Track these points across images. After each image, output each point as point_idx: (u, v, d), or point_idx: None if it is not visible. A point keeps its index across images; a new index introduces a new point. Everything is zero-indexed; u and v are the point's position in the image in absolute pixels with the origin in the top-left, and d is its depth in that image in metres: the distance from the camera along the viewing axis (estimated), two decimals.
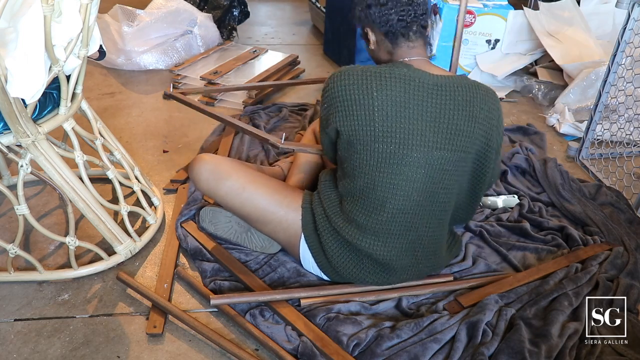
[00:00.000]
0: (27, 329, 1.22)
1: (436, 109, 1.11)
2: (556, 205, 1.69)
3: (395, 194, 1.14)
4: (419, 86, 1.10)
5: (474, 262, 1.43)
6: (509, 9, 2.58)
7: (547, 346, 1.13)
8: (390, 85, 1.10)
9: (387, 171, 1.13)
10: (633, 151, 1.95)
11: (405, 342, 1.15)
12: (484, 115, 1.14)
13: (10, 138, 1.20)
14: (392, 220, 1.17)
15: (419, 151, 1.11)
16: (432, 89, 1.11)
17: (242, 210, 1.30)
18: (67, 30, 1.13)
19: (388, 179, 1.13)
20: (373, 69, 1.12)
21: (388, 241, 1.19)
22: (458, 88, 1.12)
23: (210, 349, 1.19)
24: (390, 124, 1.10)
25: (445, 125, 1.11)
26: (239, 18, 3.10)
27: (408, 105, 1.10)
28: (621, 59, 1.81)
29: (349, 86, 1.11)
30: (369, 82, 1.10)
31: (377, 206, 1.16)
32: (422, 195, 1.16)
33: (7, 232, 1.54)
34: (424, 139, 1.11)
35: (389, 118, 1.09)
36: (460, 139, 1.13)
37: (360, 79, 1.11)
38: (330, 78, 1.16)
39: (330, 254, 1.24)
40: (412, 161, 1.12)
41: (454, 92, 1.12)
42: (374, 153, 1.12)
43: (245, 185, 1.28)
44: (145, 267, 1.43)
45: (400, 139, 1.10)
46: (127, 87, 2.52)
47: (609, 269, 1.39)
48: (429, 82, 1.11)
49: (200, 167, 1.31)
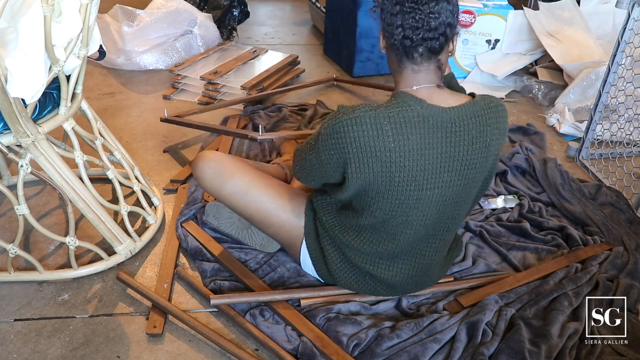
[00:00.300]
0: (27, 329, 1.22)
1: (451, 147, 1.05)
2: (556, 205, 1.69)
3: (405, 230, 1.12)
4: (434, 127, 1.03)
5: (474, 262, 1.43)
6: (509, 9, 2.58)
7: (547, 346, 1.13)
8: (406, 132, 1.02)
9: (400, 212, 1.10)
10: (633, 151, 1.95)
11: (405, 342, 1.15)
12: (494, 144, 1.10)
13: (10, 138, 1.20)
14: (400, 250, 1.16)
15: (433, 190, 1.07)
16: (447, 126, 1.04)
17: (245, 210, 1.30)
18: (67, 30, 1.13)
19: (401, 219, 1.11)
20: (384, 112, 1.02)
21: (393, 265, 1.19)
22: (472, 119, 1.05)
23: (210, 349, 1.19)
24: (407, 173, 1.04)
25: (460, 162, 1.07)
26: (239, 18, 3.10)
27: (425, 151, 1.03)
28: (621, 59, 1.81)
29: (363, 137, 1.01)
30: (385, 131, 1.01)
31: (385, 240, 1.15)
32: (432, 227, 1.15)
33: (7, 232, 1.54)
34: (440, 179, 1.07)
35: (406, 168, 1.04)
36: (473, 171, 1.09)
37: (375, 128, 1.01)
38: (340, 122, 1.03)
39: (332, 266, 1.24)
40: (426, 200, 1.08)
41: (468, 125, 1.05)
42: (389, 199, 1.08)
43: (250, 186, 1.27)
44: (145, 267, 1.43)
45: (417, 184, 1.06)
46: (127, 87, 2.52)
47: (609, 269, 1.39)
48: (443, 120, 1.03)
49: (204, 165, 1.30)
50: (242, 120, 2.18)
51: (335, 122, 1.04)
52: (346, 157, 1.05)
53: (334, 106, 2.37)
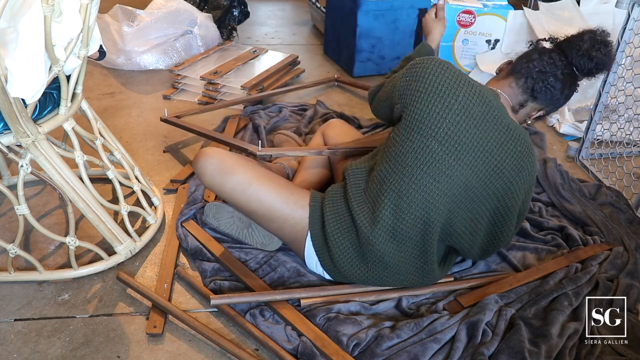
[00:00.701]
0: (27, 329, 1.22)
1: (496, 145, 1.14)
2: (556, 205, 1.69)
3: (425, 199, 1.14)
4: (494, 118, 1.14)
5: (473, 262, 1.43)
6: (509, 9, 2.58)
7: (547, 346, 1.13)
8: (475, 100, 1.13)
9: (428, 173, 1.13)
10: (633, 151, 1.95)
11: (405, 342, 1.15)
12: (526, 176, 1.20)
13: (10, 138, 1.20)
14: (412, 226, 1.17)
15: (463, 170, 1.14)
16: (502, 127, 1.15)
17: (247, 206, 1.29)
18: (67, 30, 1.13)
19: (425, 181, 1.13)
20: (468, 77, 1.16)
21: (401, 244, 1.19)
22: (521, 140, 1.17)
23: (210, 349, 1.19)
24: (455, 131, 1.12)
25: (495, 164, 1.15)
26: (239, 18, 3.10)
27: (479, 125, 1.13)
28: (621, 59, 1.81)
29: (441, 76, 1.14)
30: (460, 85, 1.14)
31: (403, 205, 1.15)
32: (444, 210, 1.16)
33: (7, 232, 1.54)
34: (474, 162, 1.14)
35: (458, 125, 1.12)
36: (499, 182, 1.17)
37: (455, 76, 1.14)
38: (427, 60, 1.17)
39: (335, 254, 1.24)
40: (454, 176, 1.14)
41: (517, 141, 1.16)
42: (427, 150, 1.13)
43: (252, 181, 1.27)
44: (145, 267, 1.43)
45: (456, 149, 1.12)
46: (127, 87, 2.52)
47: (609, 269, 1.39)
48: (503, 120, 1.16)
49: (205, 161, 1.30)
50: (242, 120, 2.18)
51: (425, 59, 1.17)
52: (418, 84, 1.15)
53: (334, 106, 2.37)
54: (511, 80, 1.26)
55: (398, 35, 2.68)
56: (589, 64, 1.21)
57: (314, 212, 1.25)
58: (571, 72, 1.23)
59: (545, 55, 1.23)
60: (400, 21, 2.65)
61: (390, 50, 2.71)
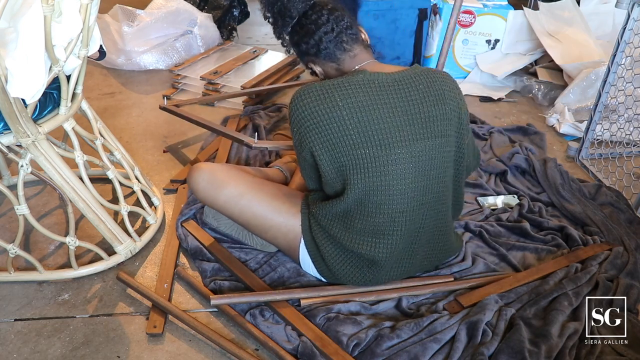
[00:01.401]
0: (27, 329, 1.22)
1: (403, 103, 1.12)
2: (556, 205, 1.69)
3: (389, 195, 1.14)
4: (379, 87, 1.12)
5: (473, 262, 1.43)
6: (509, 9, 2.58)
7: (547, 346, 1.13)
8: (353, 92, 1.10)
9: (376, 174, 1.12)
10: (633, 151, 1.95)
11: (405, 342, 1.15)
12: (449, 94, 1.17)
13: (10, 138, 1.20)
14: (391, 221, 1.17)
15: (400, 147, 1.12)
16: (392, 86, 1.13)
17: (241, 218, 1.30)
18: (67, 31, 1.13)
19: (379, 182, 1.13)
20: (330, 82, 1.12)
21: (388, 241, 1.19)
22: (416, 77, 1.15)
23: (210, 349, 1.19)
24: (364, 128, 1.10)
25: (418, 116, 1.13)
26: (239, 18, 3.10)
27: (376, 106, 1.10)
28: (621, 59, 1.81)
29: (311, 104, 1.10)
30: (331, 94, 1.10)
31: (373, 211, 1.16)
32: (416, 190, 1.16)
33: (7, 232, 1.54)
34: (402, 133, 1.12)
35: (362, 123, 1.09)
36: (436, 123, 1.14)
37: (321, 93, 1.10)
38: (291, 102, 1.15)
39: (329, 259, 1.24)
40: (397, 158, 1.12)
41: (415, 82, 1.14)
42: (358, 160, 1.11)
43: (243, 193, 1.28)
44: (145, 267, 1.43)
45: (378, 139, 1.10)
46: (127, 87, 2.52)
47: (609, 269, 1.39)
48: (387, 81, 1.13)
49: (197, 176, 1.31)
50: (242, 120, 2.18)
51: (289, 104, 1.16)
52: (305, 127, 1.12)
53: None
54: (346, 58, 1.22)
55: (398, 35, 2.68)
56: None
57: (304, 219, 1.26)
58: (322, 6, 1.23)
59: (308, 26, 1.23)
60: (400, 21, 2.65)
61: (390, 50, 2.71)
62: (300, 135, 1.15)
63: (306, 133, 1.13)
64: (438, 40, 2.61)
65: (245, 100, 2.34)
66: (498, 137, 2.06)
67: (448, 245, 1.33)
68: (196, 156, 1.92)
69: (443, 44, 1.54)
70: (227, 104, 2.37)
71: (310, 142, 1.13)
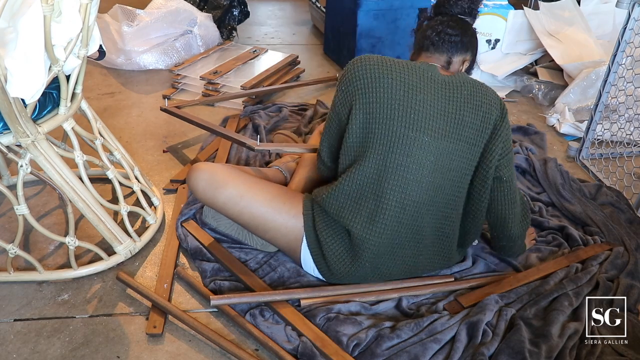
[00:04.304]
0: (26, 329, 1.22)
1: (445, 101, 1.19)
2: (556, 205, 1.69)
3: (405, 178, 1.17)
4: (430, 79, 1.19)
5: (474, 262, 1.43)
6: (509, 9, 2.58)
7: (547, 346, 1.13)
8: (407, 72, 1.18)
9: (399, 152, 1.16)
10: (633, 151, 1.95)
11: (405, 342, 1.15)
12: (487, 106, 1.21)
13: (10, 138, 1.20)
14: (402, 211, 1.18)
15: (430, 135, 1.17)
16: (442, 84, 1.20)
17: (241, 218, 1.30)
18: (67, 30, 1.13)
19: (400, 161, 1.16)
20: (390, 58, 1.21)
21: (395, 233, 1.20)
22: (464, 84, 1.22)
23: (210, 349, 1.19)
24: (406, 104, 1.16)
25: (453, 117, 1.19)
26: (239, 18, 3.10)
27: (422, 91, 1.17)
28: (621, 59, 1.81)
29: (369, 67, 1.18)
30: (388, 65, 1.18)
31: (387, 192, 1.17)
32: (431, 184, 1.18)
33: (7, 232, 1.54)
34: (435, 125, 1.17)
35: (406, 98, 1.16)
36: (466, 129, 1.20)
37: (380, 61, 1.19)
38: (350, 63, 1.21)
39: (331, 258, 1.24)
40: (424, 145, 1.17)
41: (461, 87, 1.21)
42: (389, 132, 1.16)
43: (243, 194, 1.28)
44: (145, 267, 1.42)
45: (414, 120, 1.16)
46: (127, 87, 2.52)
47: (609, 269, 1.39)
48: (439, 79, 1.21)
49: (197, 177, 1.31)
50: (242, 120, 2.18)
51: (347, 65, 1.22)
52: (355, 84, 1.18)
53: None
54: (422, 55, 1.31)
55: (398, 35, 2.68)
56: (462, 3, 1.31)
57: (307, 220, 1.26)
58: (459, 19, 1.30)
59: (431, 22, 1.32)
60: (400, 21, 2.65)
61: (390, 50, 2.71)
62: (348, 91, 1.20)
63: (355, 90, 1.18)
64: None
65: (245, 100, 2.34)
66: None
67: (450, 254, 1.33)
68: (196, 156, 1.92)
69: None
70: (227, 104, 2.36)
71: (355, 99, 1.18)
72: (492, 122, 1.21)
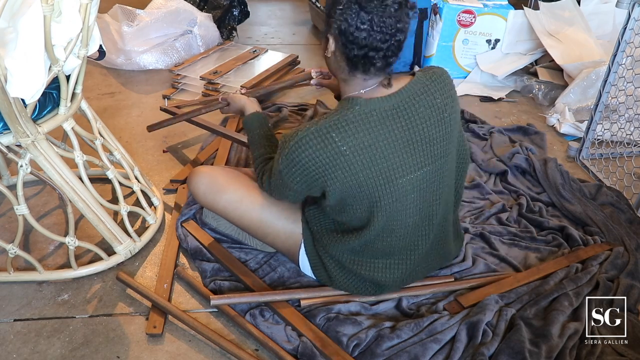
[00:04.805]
0: (26, 329, 1.22)
1: (404, 130, 1.05)
2: (556, 205, 1.69)
3: (391, 228, 1.13)
4: (378, 119, 1.03)
5: (473, 262, 1.43)
6: (509, 9, 2.58)
7: (547, 346, 1.13)
8: (352, 132, 1.02)
9: (380, 212, 1.09)
10: (633, 151, 1.95)
11: (405, 342, 1.15)
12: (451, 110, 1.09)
13: (10, 138, 1.20)
14: (393, 246, 1.17)
15: (403, 178, 1.07)
16: (392, 114, 1.04)
17: (240, 222, 1.31)
18: (67, 30, 1.13)
19: (383, 218, 1.10)
20: (325, 123, 1.02)
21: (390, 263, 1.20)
22: (416, 98, 1.05)
23: (210, 349, 1.19)
24: (371, 170, 1.04)
25: (419, 142, 1.07)
26: (239, 18, 3.09)
27: (379, 143, 1.03)
28: (621, 59, 1.80)
29: (315, 152, 1.02)
30: (331, 138, 1.01)
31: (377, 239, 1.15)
32: (418, 215, 1.14)
33: (7, 232, 1.54)
34: (404, 165, 1.06)
35: (367, 165, 1.04)
36: (437, 145, 1.09)
37: (321, 139, 1.02)
38: (289, 151, 1.05)
39: (331, 272, 1.24)
40: (400, 191, 1.08)
41: (414, 104, 1.05)
42: (364, 200, 1.08)
43: (243, 198, 1.28)
44: (145, 267, 1.42)
45: (384, 178, 1.05)
46: (126, 87, 2.52)
47: (609, 269, 1.39)
48: (385, 109, 1.03)
49: (198, 181, 1.32)
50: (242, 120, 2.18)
51: (286, 153, 1.06)
52: (312, 177, 1.06)
53: (333, 106, 2.36)
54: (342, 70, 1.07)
55: None
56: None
57: (306, 230, 1.26)
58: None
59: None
60: None
61: None
62: (302, 176, 1.07)
63: (314, 179, 1.06)
64: (439, 39, 2.61)
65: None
66: (498, 137, 2.05)
67: (447, 252, 1.32)
68: (196, 156, 1.92)
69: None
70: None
71: (320, 184, 1.07)
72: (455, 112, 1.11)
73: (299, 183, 1.09)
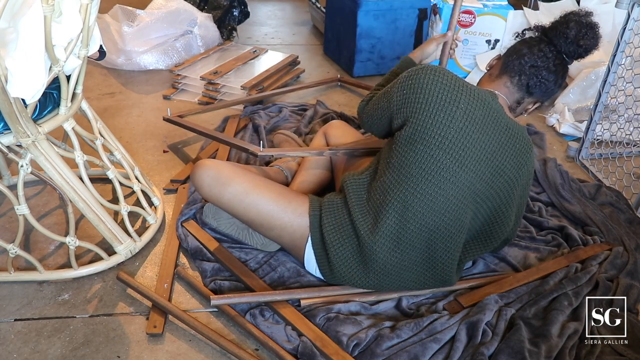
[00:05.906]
0: (27, 329, 1.23)
1: (497, 146, 1.16)
2: (556, 205, 1.69)
3: (430, 207, 1.15)
4: (494, 120, 1.16)
5: (473, 262, 1.43)
6: (509, 9, 2.58)
7: (547, 346, 1.13)
8: (475, 105, 1.14)
9: (433, 182, 1.14)
10: (633, 151, 1.96)
11: (405, 342, 1.15)
12: (525, 172, 1.23)
13: (10, 138, 1.20)
14: (417, 234, 1.17)
15: (468, 175, 1.15)
16: (502, 128, 1.17)
17: (246, 215, 1.29)
18: (67, 31, 1.13)
19: (431, 190, 1.14)
20: (465, 81, 1.17)
21: (405, 252, 1.19)
22: (520, 138, 1.20)
23: (211, 349, 1.19)
24: (460, 138, 1.13)
25: (497, 164, 1.17)
26: (239, 18, 3.10)
27: (481, 129, 1.14)
28: (621, 59, 1.81)
29: (440, 85, 1.14)
30: (460, 91, 1.14)
31: (408, 215, 1.16)
32: (450, 216, 1.17)
33: (7, 232, 1.54)
34: (478, 166, 1.15)
35: (462, 132, 1.13)
36: (500, 182, 1.19)
37: (453, 83, 1.14)
38: (422, 70, 1.17)
39: (335, 263, 1.24)
40: (459, 182, 1.15)
41: (516, 139, 1.19)
42: (431, 159, 1.14)
43: (249, 191, 1.27)
44: (145, 267, 1.43)
45: (460, 156, 1.14)
46: (127, 87, 2.52)
47: (609, 269, 1.39)
48: (502, 121, 1.17)
49: (202, 173, 1.30)
50: (242, 120, 2.18)
51: (417, 69, 1.18)
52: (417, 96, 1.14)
53: (334, 106, 2.37)
54: (505, 79, 1.26)
55: (398, 35, 2.68)
56: (579, 50, 1.22)
57: (314, 221, 1.26)
58: (562, 61, 1.24)
59: (534, 49, 1.23)
60: (400, 21, 2.65)
61: (390, 50, 2.71)
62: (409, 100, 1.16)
63: (416, 104, 1.15)
64: None
65: (248, 92, 2.34)
66: None
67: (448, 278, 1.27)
68: (197, 156, 1.93)
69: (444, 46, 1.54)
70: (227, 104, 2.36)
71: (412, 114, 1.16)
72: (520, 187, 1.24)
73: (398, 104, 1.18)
